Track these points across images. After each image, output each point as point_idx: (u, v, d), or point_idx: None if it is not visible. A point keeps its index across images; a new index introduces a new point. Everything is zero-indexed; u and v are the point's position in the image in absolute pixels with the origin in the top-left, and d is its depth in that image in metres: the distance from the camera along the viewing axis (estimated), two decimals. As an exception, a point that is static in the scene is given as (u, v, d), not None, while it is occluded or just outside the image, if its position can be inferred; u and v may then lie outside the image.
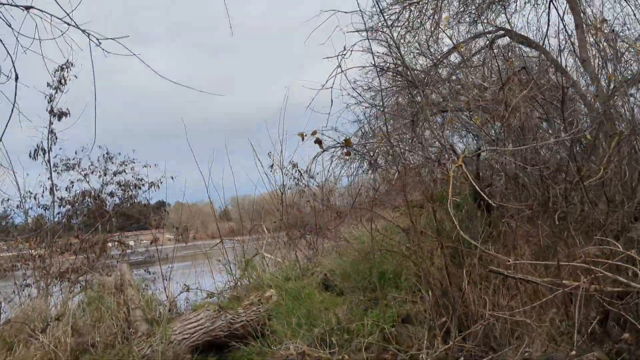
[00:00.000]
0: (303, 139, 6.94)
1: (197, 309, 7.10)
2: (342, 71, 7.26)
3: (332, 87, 7.14)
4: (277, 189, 12.49)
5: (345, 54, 7.23)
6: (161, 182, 12.61)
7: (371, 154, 9.80)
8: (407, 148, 10.34)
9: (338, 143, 7.99)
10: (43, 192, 11.06)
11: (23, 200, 10.71)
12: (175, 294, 9.06)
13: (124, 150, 13.43)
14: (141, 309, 7.31)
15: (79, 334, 7.00)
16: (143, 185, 12.91)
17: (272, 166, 13.23)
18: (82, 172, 13.49)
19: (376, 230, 7.60)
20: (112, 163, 13.89)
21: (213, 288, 10.73)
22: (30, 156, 10.58)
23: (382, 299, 7.28)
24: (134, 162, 13.76)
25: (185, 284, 8.46)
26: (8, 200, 10.47)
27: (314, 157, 7.82)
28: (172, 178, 12.29)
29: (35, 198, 10.90)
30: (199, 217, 19.87)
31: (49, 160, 10.77)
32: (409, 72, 7.69)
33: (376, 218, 8.51)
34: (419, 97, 7.63)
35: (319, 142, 6.89)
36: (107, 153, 13.84)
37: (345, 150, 7.69)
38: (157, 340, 6.33)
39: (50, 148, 10.76)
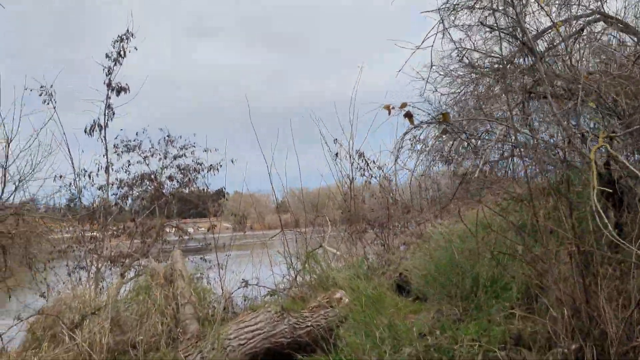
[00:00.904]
0: (390, 112, 5.40)
1: (256, 309, 5.68)
2: (445, 28, 5.71)
3: (432, 47, 5.66)
4: (342, 179, 11.06)
5: (450, 9, 5.67)
6: (220, 166, 11.33)
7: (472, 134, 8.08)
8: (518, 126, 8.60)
9: (433, 117, 6.39)
10: (98, 170, 9.92)
11: (77, 179, 9.60)
12: (232, 287, 7.74)
13: (184, 134, 12.24)
14: (192, 305, 5.98)
15: (120, 331, 5.71)
16: (203, 169, 11.61)
17: (337, 155, 11.84)
18: (142, 155, 12.44)
19: (477, 227, 5.99)
20: (173, 147, 12.74)
21: (272, 283, 9.39)
22: (85, 132, 9.47)
23: (477, 310, 5.71)
24: (194, 146, 12.56)
25: (243, 279, 7.09)
26: (61, 177, 9.33)
27: (403, 135, 6.25)
28: (232, 161, 10.99)
29: (89, 177, 9.76)
30: (256, 207, 18.66)
31: (104, 137, 9.62)
32: (525, 35, 6.02)
33: (467, 212, 6.93)
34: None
35: (409, 115, 5.33)
36: (168, 136, 12.70)
37: (441, 127, 6.09)
38: (208, 345, 4.95)
39: (107, 124, 9.60)
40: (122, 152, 12.14)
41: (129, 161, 11.01)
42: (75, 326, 5.38)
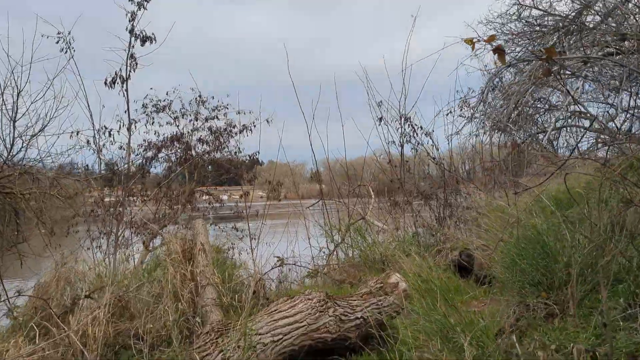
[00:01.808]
0: (473, 47, 3.79)
1: (294, 296, 4.28)
2: None
3: None
4: (388, 145, 9.54)
5: None
6: (254, 126, 9.93)
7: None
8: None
9: (532, 54, 4.82)
10: (120, 128, 8.60)
11: (97, 137, 8.31)
12: (264, 263, 6.40)
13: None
14: (214, 288, 4.63)
15: (128, 317, 4.41)
16: (234, 128, 10.25)
17: (381, 119, 10.30)
18: (172, 115, 11.16)
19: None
20: (205, 107, 11.42)
21: (309, 257, 8.04)
22: (106, 84, 8.12)
23: (577, 307, 4.22)
24: (227, 108, 11.22)
25: (277, 257, 5.72)
26: (77, 133, 8.05)
27: (491, 78, 4.74)
28: (267, 122, 9.59)
29: (110, 134, 8.45)
30: (292, 176, 17.33)
31: (126, 90, 8.26)
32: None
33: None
34: None
35: (499, 51, 3.75)
36: (199, 96, 11.40)
37: (544, 66, 4.52)
38: (232, 342, 3.59)
39: (129, 76, 8.23)
40: (151, 112, 10.94)
41: (153, 120, 9.63)
42: (66, 312, 4.10)
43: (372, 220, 7.98)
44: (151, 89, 10.78)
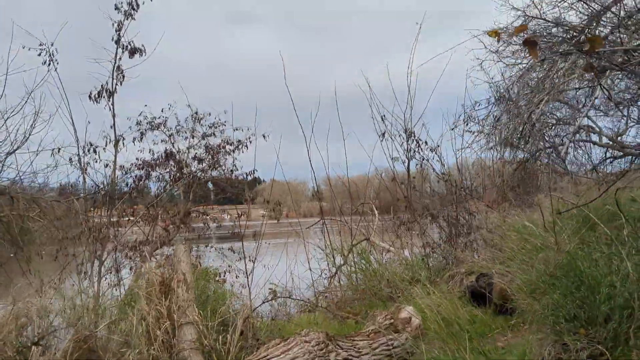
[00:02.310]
0: (499, 39, 3.93)
1: (288, 338, 3.50)
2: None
3: None
4: (391, 162, 8.81)
5: None
6: (250, 142, 9.22)
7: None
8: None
9: (571, 45, 4.12)
10: (106, 144, 7.87)
11: (82, 154, 7.58)
12: (259, 291, 5.62)
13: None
14: (194, 328, 3.84)
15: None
16: (230, 145, 9.54)
17: (384, 134, 9.60)
18: (167, 132, 10.45)
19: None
20: (201, 125, 10.69)
21: (309, 282, 7.26)
22: (90, 98, 7.43)
23: (625, 347, 3.45)
24: (224, 125, 10.48)
25: (270, 289, 4.95)
26: (59, 150, 7.32)
27: (524, 73, 4.09)
28: (263, 136, 8.87)
29: (95, 151, 7.71)
30: (292, 195, 16.57)
31: (113, 104, 7.55)
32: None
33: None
34: None
35: (531, 43, 3.07)
36: (195, 113, 10.67)
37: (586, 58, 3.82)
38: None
39: (116, 89, 7.54)
40: (145, 130, 10.24)
41: (142, 136, 8.92)
42: (20, 351, 3.34)
43: (377, 241, 7.21)
44: (145, 105, 10.09)
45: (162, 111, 10.34)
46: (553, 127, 11.74)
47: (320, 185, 10.86)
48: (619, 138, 11.86)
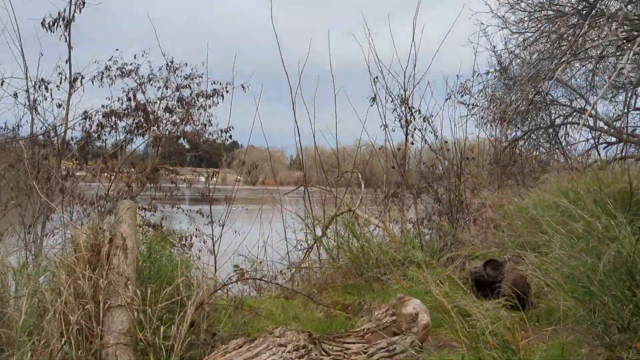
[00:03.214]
0: None
1: (255, 337, 2.38)
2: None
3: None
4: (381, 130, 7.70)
5: None
6: (227, 91, 7.97)
7: None
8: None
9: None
10: (60, 82, 6.52)
11: (34, 92, 6.23)
12: (225, 262, 4.49)
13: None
14: (128, 313, 2.67)
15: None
16: (206, 97, 8.27)
17: (374, 99, 8.44)
18: (138, 81, 9.07)
19: None
20: (176, 76, 9.32)
21: (284, 254, 6.16)
22: (43, 26, 6.06)
23: None
24: (201, 77, 9.13)
25: (237, 266, 3.82)
26: (2, 83, 5.95)
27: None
28: (242, 87, 7.61)
29: (46, 88, 6.37)
30: (270, 161, 15.34)
31: (69, 34, 6.19)
32: None
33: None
34: None
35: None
36: (171, 62, 9.28)
37: None
38: None
39: (73, 17, 6.16)
40: (115, 76, 8.86)
41: (110, 79, 7.56)
42: None
43: (364, 214, 6.12)
44: (117, 49, 8.68)
45: (134, 57, 8.98)
46: (547, 108, 10.75)
47: (301, 154, 9.65)
48: (614, 124, 11.02)
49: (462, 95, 9.71)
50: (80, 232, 2.99)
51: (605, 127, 10.90)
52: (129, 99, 8.00)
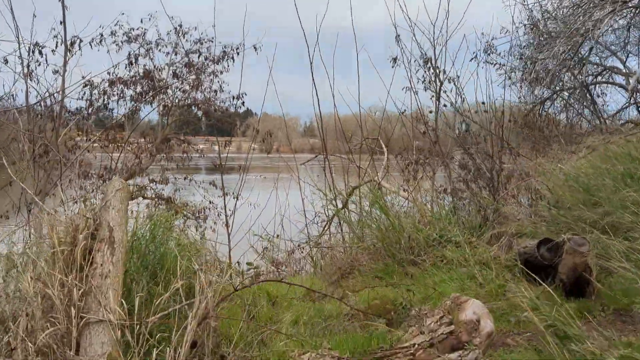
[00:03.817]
0: None
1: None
2: None
3: None
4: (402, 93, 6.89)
5: None
6: (237, 53, 7.20)
7: None
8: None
9: None
10: (56, 46, 5.81)
11: (29, 57, 5.54)
12: (239, 242, 3.84)
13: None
14: (109, 332, 2.03)
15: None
16: (213, 61, 7.52)
17: (395, 59, 7.59)
18: (146, 46, 8.33)
19: None
20: (185, 40, 8.55)
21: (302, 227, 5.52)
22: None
23: None
24: (211, 42, 8.34)
25: (251, 264, 3.18)
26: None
27: None
28: (254, 48, 6.86)
29: (40, 53, 5.67)
30: (286, 128, 14.56)
31: (62, -8, 5.44)
32: None
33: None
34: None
35: None
36: (179, 26, 8.51)
37: None
38: None
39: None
40: (122, 42, 8.13)
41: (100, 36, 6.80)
42: None
43: (391, 186, 5.41)
44: (122, 14, 7.91)
45: (141, 22, 8.23)
46: (581, 66, 9.77)
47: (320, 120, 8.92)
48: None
49: (489, 54, 8.83)
50: (55, 221, 2.33)
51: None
52: (130, 63, 7.26)
